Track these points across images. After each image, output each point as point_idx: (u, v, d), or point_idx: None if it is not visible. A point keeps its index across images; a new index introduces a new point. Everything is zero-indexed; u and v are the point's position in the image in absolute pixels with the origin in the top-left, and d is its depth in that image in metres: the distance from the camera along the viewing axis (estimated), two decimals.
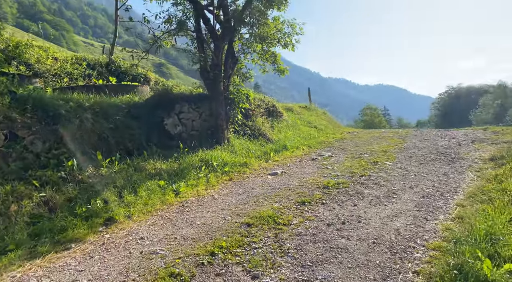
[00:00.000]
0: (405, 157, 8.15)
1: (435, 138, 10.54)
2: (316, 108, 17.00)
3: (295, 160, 8.78)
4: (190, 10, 9.07)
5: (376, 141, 10.72)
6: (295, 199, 5.68)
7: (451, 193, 5.53)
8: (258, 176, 7.48)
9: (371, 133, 12.82)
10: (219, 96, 9.13)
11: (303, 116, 14.36)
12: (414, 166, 7.33)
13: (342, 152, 9.43)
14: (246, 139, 9.66)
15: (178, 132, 8.86)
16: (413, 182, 6.24)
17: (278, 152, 9.29)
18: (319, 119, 15.06)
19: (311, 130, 12.52)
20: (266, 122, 11.00)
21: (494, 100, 72.74)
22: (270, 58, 9.99)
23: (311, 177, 6.93)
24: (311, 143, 10.69)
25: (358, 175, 6.80)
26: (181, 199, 6.26)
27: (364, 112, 75.08)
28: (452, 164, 7.24)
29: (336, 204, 5.36)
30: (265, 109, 11.55)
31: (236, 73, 10.26)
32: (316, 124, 13.68)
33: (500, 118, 62.89)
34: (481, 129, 13.25)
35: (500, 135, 10.35)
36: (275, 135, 10.57)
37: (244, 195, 6.26)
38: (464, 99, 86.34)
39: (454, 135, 11.05)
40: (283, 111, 12.94)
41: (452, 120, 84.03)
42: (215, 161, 7.79)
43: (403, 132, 12.54)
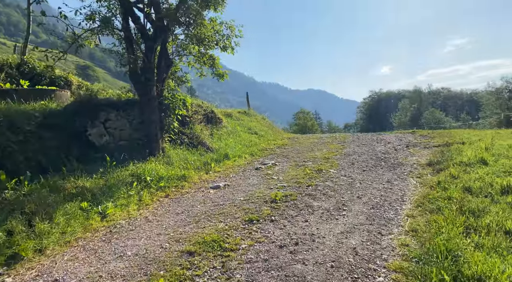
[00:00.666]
0: (347, 163, 8.08)
1: (372, 143, 10.78)
2: (255, 114, 16.69)
3: (238, 170, 8.25)
4: (116, 7, 8.09)
5: (317, 147, 10.65)
6: (242, 216, 5.14)
7: (399, 202, 5.43)
8: (199, 190, 6.80)
9: (311, 139, 12.82)
10: (151, 101, 8.26)
11: (243, 122, 13.92)
12: (357, 173, 7.25)
13: (285, 159, 9.13)
14: (184, 149, 8.90)
15: (104, 143, 7.80)
16: (360, 191, 6.08)
17: (219, 162, 8.68)
18: (259, 125, 14.76)
19: (252, 137, 12.12)
20: (205, 130, 10.33)
21: (411, 104, 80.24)
22: (208, 62, 9.36)
23: (257, 189, 6.44)
24: (253, 151, 10.26)
25: (305, 185, 6.49)
26: (108, 223, 5.34)
27: (297, 116, 77.73)
28: (393, 170, 7.30)
29: (287, 221, 4.93)
30: (203, 116, 10.86)
31: (171, 77, 9.45)
32: (256, 130, 13.32)
33: (416, 120, 69.42)
34: (410, 133, 14.03)
35: (429, 139, 10.93)
36: (216, 144, 9.95)
37: (184, 214, 5.55)
38: (385, 103, 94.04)
39: (388, 139, 11.44)
40: (222, 117, 12.35)
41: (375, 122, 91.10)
42: (149, 175, 6.93)
43: (340, 137, 12.74)
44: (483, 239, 3.82)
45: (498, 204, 4.61)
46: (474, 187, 5.23)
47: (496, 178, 5.42)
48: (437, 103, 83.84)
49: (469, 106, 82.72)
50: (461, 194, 5.08)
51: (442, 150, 8.54)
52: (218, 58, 9.43)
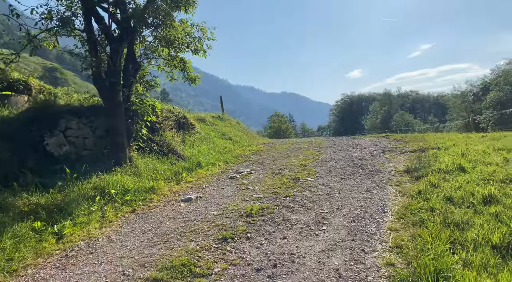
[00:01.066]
0: (324, 171, 7.83)
1: (348, 149, 10.63)
2: (229, 118, 16.28)
3: (211, 179, 7.81)
4: (77, 5, 7.48)
5: (293, 153, 10.37)
6: (215, 234, 4.72)
7: (380, 214, 5.19)
8: (169, 203, 6.32)
9: (287, 144, 12.55)
10: (117, 108, 7.69)
11: (217, 128, 13.47)
12: (336, 181, 7.00)
13: (261, 167, 8.78)
14: (153, 158, 8.36)
15: (64, 153, 7.17)
16: (339, 201, 5.81)
17: (191, 171, 8.21)
18: (234, 130, 14.35)
19: (227, 143, 11.69)
20: (177, 136, 9.81)
21: (382, 107, 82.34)
22: (179, 65, 8.88)
23: (231, 202, 6.04)
24: (228, 158, 9.85)
25: (282, 196, 6.15)
26: (65, 245, 4.78)
27: (272, 119, 77.94)
28: (371, 178, 7.10)
29: (263, 238, 4.56)
30: (175, 122, 10.33)
31: (139, 81, 8.89)
32: (231, 135, 12.91)
33: (387, 123, 71.17)
34: (384, 137, 14.05)
35: (404, 144, 10.91)
36: (188, 151, 9.45)
37: (151, 232, 5.07)
38: (356, 106, 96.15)
39: (364, 144, 11.34)
40: (195, 122, 11.86)
41: (348, 125, 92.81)
42: (114, 188, 6.37)
43: (316, 142, 12.54)
44: (471, 255, 3.61)
45: (482, 215, 4.45)
46: (456, 197, 5.07)
47: (477, 187, 5.29)
48: (406, 105, 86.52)
49: (436, 109, 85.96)
50: (443, 205, 4.90)
51: (418, 156, 8.46)
52: (189, 61, 8.97)
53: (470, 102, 52.49)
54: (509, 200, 4.72)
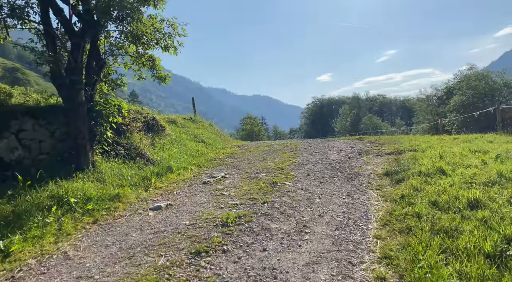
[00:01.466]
0: (303, 174, 7.52)
1: (324, 151, 10.41)
2: (202, 120, 15.72)
3: (183, 185, 7.29)
4: None
5: (269, 156, 10.02)
6: (188, 247, 4.25)
7: (363, 220, 4.91)
8: (136, 212, 5.76)
9: (262, 147, 12.19)
10: (79, 108, 7.03)
11: (188, 130, 12.89)
12: (315, 185, 6.69)
13: (236, 170, 8.35)
14: (120, 162, 7.73)
15: (16, 158, 6.43)
16: (320, 207, 5.49)
17: (161, 176, 7.65)
18: (206, 132, 13.82)
19: (199, 146, 11.16)
20: (145, 139, 9.20)
21: (351, 110, 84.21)
22: (148, 63, 8.30)
23: (205, 210, 5.57)
24: (201, 161, 9.34)
25: (260, 202, 5.75)
26: (12, 264, 4.15)
27: (244, 122, 77.74)
28: (351, 182, 6.86)
29: (241, 250, 4.14)
30: (143, 123, 9.70)
31: (104, 79, 8.24)
32: (203, 138, 12.38)
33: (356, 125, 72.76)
34: (358, 139, 14.02)
35: (379, 146, 10.84)
36: (157, 155, 8.86)
37: (115, 246, 4.52)
38: (327, 109, 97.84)
39: (340, 147, 11.18)
40: (165, 124, 11.25)
41: (319, 127, 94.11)
42: (74, 196, 5.75)
43: (292, 145, 12.26)
44: (465, 266, 3.37)
45: (470, 221, 4.25)
46: (441, 201, 4.87)
47: (460, 190, 5.13)
48: (374, 109, 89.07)
49: (402, 112, 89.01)
50: (429, 210, 4.68)
51: (395, 158, 8.35)
52: (159, 59, 8.42)
53: (435, 106, 54.59)
54: (494, 204, 4.57)
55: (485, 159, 6.78)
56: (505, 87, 43.43)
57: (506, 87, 43.46)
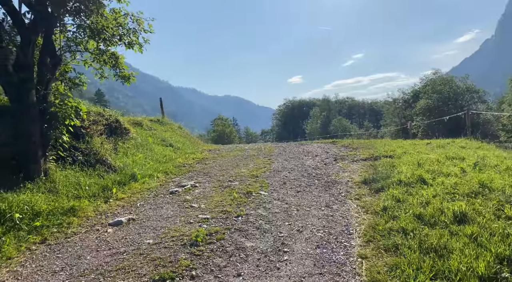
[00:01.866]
0: (279, 183, 7.10)
1: (299, 157, 10.06)
2: (170, 122, 14.97)
3: (147, 195, 6.65)
4: None
5: (242, 162, 9.53)
6: (150, 273, 3.69)
7: (345, 236, 4.55)
8: (92, 228, 5.10)
9: (234, 151, 11.68)
10: (29, 109, 6.24)
11: (155, 133, 12.16)
12: (292, 195, 6.29)
13: (207, 178, 7.81)
14: (77, 170, 6.98)
15: None
16: (299, 220, 5.08)
17: (123, 185, 6.97)
18: (175, 135, 13.12)
19: (167, 150, 10.48)
20: (107, 144, 8.44)
21: (321, 112, 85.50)
22: (110, 61, 7.58)
23: (172, 226, 5.01)
24: (168, 168, 8.70)
25: (233, 216, 5.26)
26: None
27: (215, 123, 76.88)
28: (329, 190, 6.51)
29: (213, 276, 3.64)
30: (105, 126, 8.92)
31: (60, 78, 7.44)
32: (172, 141, 11.69)
33: (326, 127, 73.87)
34: (331, 143, 13.85)
35: (354, 151, 10.65)
36: (120, 161, 8.14)
37: (64, 273, 3.88)
38: (298, 111, 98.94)
39: (315, 152, 10.89)
40: (130, 127, 10.49)
41: (290, 129, 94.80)
42: (19, 210, 5.00)
43: (266, 149, 11.84)
44: None
45: (458, 237, 3.98)
46: (426, 215, 4.60)
47: (444, 202, 4.89)
48: (343, 111, 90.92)
49: (370, 115, 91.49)
50: (415, 224, 4.39)
51: (372, 164, 8.13)
52: (122, 57, 7.71)
53: (402, 109, 56.31)
54: (481, 218, 4.34)
55: (463, 167, 6.66)
56: (468, 92, 45.50)
57: (469, 92, 45.53)
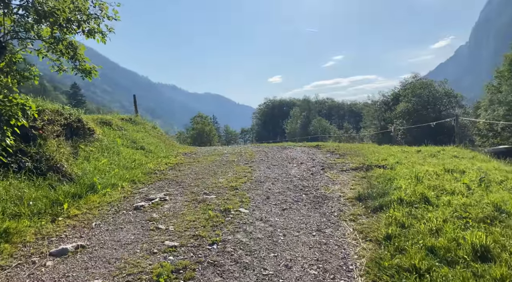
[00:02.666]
0: (261, 197, 6.20)
1: (283, 164, 9.21)
2: (144, 122, 13.79)
3: (107, 211, 5.62)
4: None
5: (220, 169, 8.58)
6: None
7: (344, 274, 3.70)
8: (27, 261, 4.04)
9: (212, 156, 10.69)
10: None
11: (126, 133, 11.01)
12: (277, 213, 5.41)
13: (180, 189, 6.82)
14: (22, 180, 5.85)
15: None
16: (286, 251, 4.20)
17: (79, 198, 5.90)
18: (148, 136, 11.99)
19: (137, 154, 9.38)
20: (65, 147, 7.31)
21: (301, 112, 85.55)
22: (68, 51, 6.47)
23: (130, 257, 4.02)
24: (136, 175, 7.65)
25: (207, 243, 4.33)
26: None
27: (195, 121, 75.38)
28: (319, 208, 5.67)
29: None
30: (63, 127, 7.77)
31: (6, 69, 6.27)
32: (144, 144, 10.58)
33: (306, 127, 73.84)
34: (315, 147, 13.09)
35: (341, 158, 9.90)
36: (79, 167, 7.04)
37: None
38: (278, 110, 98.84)
39: (299, 158, 10.07)
40: (95, 127, 9.34)
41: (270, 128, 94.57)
42: None
43: (247, 154, 10.91)
44: None
45: (484, 280, 3.22)
46: (439, 247, 3.82)
47: (459, 231, 4.13)
48: (323, 112, 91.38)
49: (349, 116, 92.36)
50: (428, 261, 3.59)
51: (364, 176, 7.37)
52: (82, 47, 6.60)
53: (382, 111, 56.70)
54: (507, 254, 3.60)
55: (467, 183, 5.97)
56: (446, 96, 46.14)
57: (447, 97, 46.18)
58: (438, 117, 44.72)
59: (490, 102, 44.19)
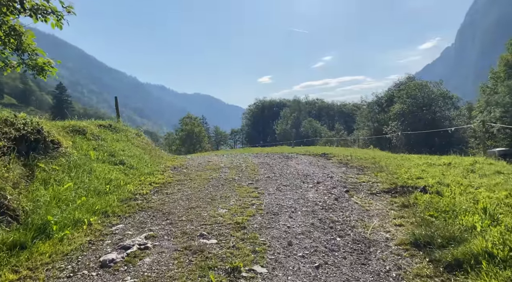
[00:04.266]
0: (280, 243, 4.46)
1: (295, 182, 7.54)
2: (126, 128, 11.89)
3: (59, 272, 3.84)
4: None
5: (219, 192, 6.83)
6: None
7: None
8: None
9: (207, 171, 8.90)
10: None
11: (103, 144, 9.17)
12: (308, 276, 3.71)
13: (167, 227, 5.07)
14: None
15: None
16: None
17: (21, 250, 4.12)
18: (131, 146, 10.15)
19: (115, 172, 7.58)
20: (13, 170, 5.49)
21: (292, 113, 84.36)
22: (9, 39, 4.69)
23: None
24: (110, 204, 5.88)
25: None
26: None
27: (184, 122, 73.30)
28: (366, 264, 3.97)
29: None
30: (13, 142, 5.95)
31: None
32: (124, 157, 8.76)
33: (297, 128, 72.60)
34: (322, 157, 11.48)
35: (362, 174, 8.28)
36: (31, 197, 5.24)
37: None
38: (268, 111, 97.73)
39: (312, 173, 8.42)
40: (61, 138, 7.49)
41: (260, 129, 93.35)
42: None
43: (248, 167, 9.17)
44: None
45: None
46: None
47: None
48: (313, 113, 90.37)
49: (339, 117, 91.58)
50: None
51: (406, 204, 5.73)
52: (31, 34, 4.83)
53: (375, 113, 55.63)
54: None
55: None
56: (442, 97, 45.17)
57: (443, 98, 45.22)
58: (433, 119, 43.83)
59: (487, 103, 43.47)
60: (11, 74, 66.44)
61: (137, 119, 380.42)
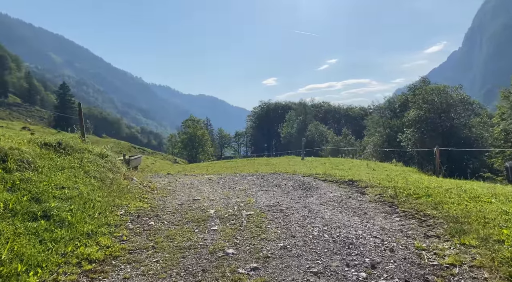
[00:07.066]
0: None
1: (333, 267, 4.38)
2: (86, 146, 8.63)
3: None
4: None
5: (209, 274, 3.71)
6: None
7: None
8: None
9: (184, 230, 5.69)
10: None
11: (32, 178, 6.04)
12: None
13: None
14: None
15: None
16: None
17: None
18: (80, 178, 6.97)
19: (25, 238, 4.45)
20: None
21: (297, 116, 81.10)
22: None
23: None
24: None
25: None
26: None
27: (186, 124, 70.26)
28: None
29: None
30: None
31: None
32: (56, 202, 5.55)
33: (302, 132, 69.31)
34: (354, 190, 8.37)
35: (433, 234, 5.09)
36: None
37: None
38: (273, 114, 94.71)
39: (355, 241, 5.24)
40: None
41: (265, 131, 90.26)
42: None
43: (251, 223, 5.99)
44: None
45: None
46: None
47: None
48: (319, 116, 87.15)
49: (345, 120, 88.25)
50: None
51: None
52: None
53: (387, 118, 52.21)
54: None
55: None
56: (461, 103, 41.66)
57: (462, 104, 41.70)
58: (452, 126, 40.39)
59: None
60: (16, 74, 65.32)
61: (141, 119, 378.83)
